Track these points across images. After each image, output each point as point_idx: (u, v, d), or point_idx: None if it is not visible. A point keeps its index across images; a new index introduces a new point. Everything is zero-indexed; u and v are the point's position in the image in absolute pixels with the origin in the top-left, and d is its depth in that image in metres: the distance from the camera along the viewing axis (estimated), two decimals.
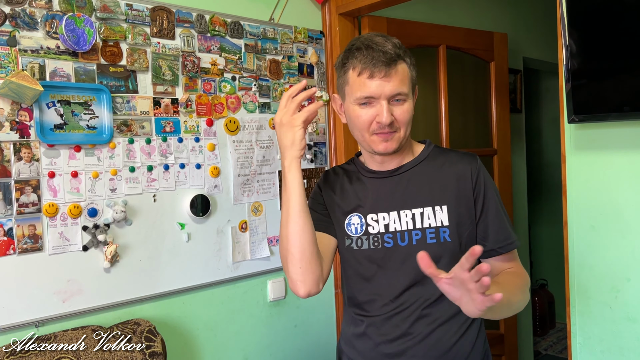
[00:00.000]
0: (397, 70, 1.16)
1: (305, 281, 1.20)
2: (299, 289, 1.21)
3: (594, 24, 1.43)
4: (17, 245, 1.51)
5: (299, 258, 1.19)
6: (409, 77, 1.20)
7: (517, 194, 3.32)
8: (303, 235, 1.18)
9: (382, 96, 1.16)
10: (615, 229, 1.49)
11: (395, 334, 1.25)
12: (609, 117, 1.44)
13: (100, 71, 1.67)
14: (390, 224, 1.26)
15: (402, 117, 1.19)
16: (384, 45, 1.16)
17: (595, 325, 1.54)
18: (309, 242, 1.19)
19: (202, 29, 1.91)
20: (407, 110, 1.19)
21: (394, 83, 1.16)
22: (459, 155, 1.31)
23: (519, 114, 3.52)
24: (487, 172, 1.30)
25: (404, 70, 1.18)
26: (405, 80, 1.18)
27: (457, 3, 2.95)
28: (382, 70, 1.15)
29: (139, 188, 1.76)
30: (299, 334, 2.22)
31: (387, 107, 1.16)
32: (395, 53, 1.17)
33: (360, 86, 1.17)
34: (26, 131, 1.53)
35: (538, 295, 4.25)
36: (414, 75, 1.22)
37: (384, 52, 1.15)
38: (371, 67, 1.15)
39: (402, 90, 1.17)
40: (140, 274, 1.76)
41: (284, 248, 1.21)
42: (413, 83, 1.22)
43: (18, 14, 1.51)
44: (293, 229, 1.18)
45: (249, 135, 2.05)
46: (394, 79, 1.16)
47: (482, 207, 1.25)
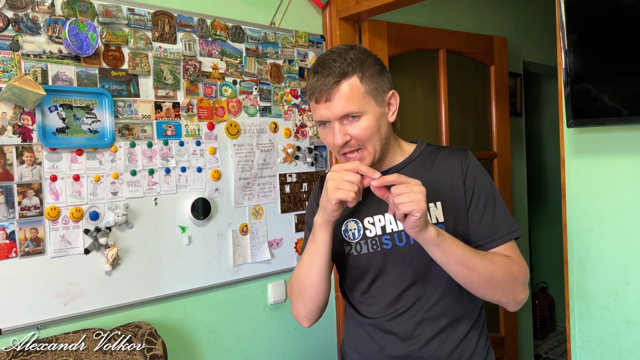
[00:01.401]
0: (340, 91, 1.15)
1: (312, 318, 1.30)
2: (303, 323, 1.31)
3: (593, 28, 1.44)
4: (19, 249, 1.52)
5: (311, 303, 1.27)
6: (362, 91, 1.16)
7: (517, 197, 3.32)
8: (319, 288, 1.24)
9: (332, 118, 1.17)
10: (614, 232, 1.50)
11: (400, 337, 1.25)
12: (607, 121, 1.44)
13: (102, 75, 1.68)
14: (386, 226, 1.27)
15: (360, 134, 1.17)
16: (331, 67, 1.16)
17: (594, 328, 1.54)
18: (323, 293, 1.26)
19: (204, 33, 1.92)
20: (364, 127, 1.17)
21: (339, 104, 1.15)
22: (450, 150, 1.31)
23: (519, 117, 3.52)
24: (479, 164, 1.29)
25: (352, 87, 1.16)
26: (354, 97, 1.15)
27: (457, 7, 2.96)
28: (323, 95, 1.16)
29: (141, 191, 1.77)
30: (299, 337, 2.22)
31: (339, 128, 1.17)
32: (341, 72, 1.15)
33: (314, 111, 1.22)
34: (28, 135, 1.54)
35: (538, 299, 4.25)
36: (371, 87, 1.18)
37: (326, 76, 1.15)
38: (317, 93, 1.17)
39: (349, 110, 1.15)
40: (141, 277, 1.76)
41: (298, 291, 1.27)
42: (373, 94, 1.18)
43: (21, 19, 1.52)
44: (311, 282, 1.24)
45: (249, 138, 2.06)
46: (337, 100, 1.15)
47: (470, 200, 1.24)
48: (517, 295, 1.20)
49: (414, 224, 1.04)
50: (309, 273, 1.24)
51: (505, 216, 1.25)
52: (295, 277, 1.29)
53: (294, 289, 1.30)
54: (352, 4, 2.27)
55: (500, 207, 1.25)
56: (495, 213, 1.24)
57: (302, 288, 1.26)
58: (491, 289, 1.17)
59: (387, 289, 1.27)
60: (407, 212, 1.03)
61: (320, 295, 1.26)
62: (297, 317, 1.31)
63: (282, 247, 2.16)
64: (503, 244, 1.23)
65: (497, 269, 1.16)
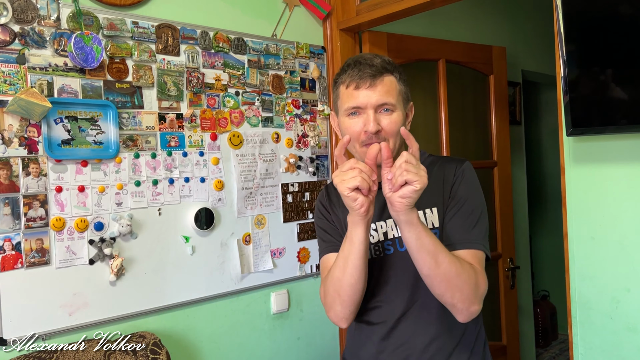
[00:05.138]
0: (383, 82, 1.21)
1: (349, 318, 1.29)
2: (342, 324, 1.30)
3: (591, 37, 1.45)
4: (24, 259, 1.53)
5: (349, 303, 1.25)
6: (397, 89, 1.23)
7: (517, 205, 3.33)
8: (356, 286, 1.22)
9: (369, 105, 1.20)
10: (614, 240, 1.51)
11: (396, 343, 1.28)
12: (606, 130, 1.45)
13: (106, 87, 1.70)
14: (388, 232, 1.30)
15: (390, 127, 1.21)
16: (372, 60, 1.22)
17: (596, 336, 1.55)
18: (360, 291, 1.24)
19: (206, 45, 1.94)
20: (394, 121, 1.21)
21: (380, 93, 1.20)
22: (449, 159, 1.34)
23: (518, 126, 3.55)
24: (475, 178, 1.30)
25: (391, 83, 1.22)
26: (392, 92, 1.21)
27: (456, 18, 3.00)
28: (367, 81, 1.20)
29: (145, 202, 1.78)
30: (302, 347, 2.22)
31: (374, 116, 1.20)
32: (382, 67, 1.21)
33: (349, 97, 1.23)
34: (34, 147, 1.56)
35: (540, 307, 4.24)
36: (403, 89, 1.25)
37: (370, 66, 1.21)
38: (357, 79, 1.20)
39: (388, 100, 1.20)
40: (145, 287, 1.77)
41: (335, 291, 1.24)
42: (404, 97, 1.25)
43: (27, 33, 1.55)
44: (348, 280, 1.22)
45: (252, 149, 2.08)
46: (380, 89, 1.20)
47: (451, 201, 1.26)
48: (472, 304, 1.17)
49: (409, 194, 1.05)
50: (346, 271, 1.21)
51: (480, 230, 1.25)
52: (330, 278, 1.26)
53: (329, 289, 1.26)
54: (353, 15, 2.30)
55: (482, 222, 1.26)
56: (476, 224, 1.24)
57: (339, 287, 1.23)
58: (450, 289, 1.14)
59: (387, 294, 1.29)
60: (408, 180, 1.03)
61: (359, 293, 1.24)
62: (334, 319, 1.29)
63: (285, 257, 2.17)
64: (472, 249, 1.22)
65: (462, 270, 1.14)
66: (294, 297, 2.21)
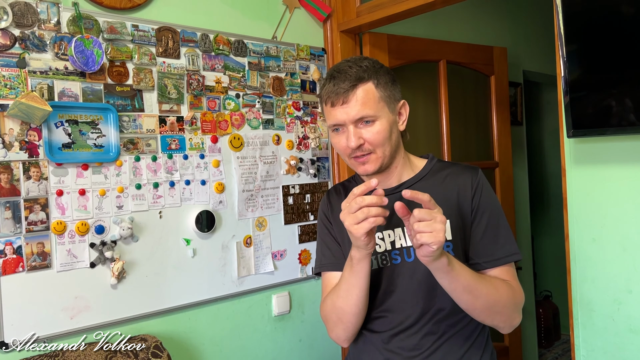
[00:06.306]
0: (357, 94, 1.19)
1: (351, 339, 1.33)
2: (344, 344, 1.35)
3: (592, 37, 1.44)
4: (26, 263, 1.54)
5: (351, 328, 1.28)
6: (376, 97, 1.20)
7: (519, 205, 3.33)
8: (359, 314, 1.26)
9: (347, 122, 1.20)
10: (616, 241, 1.50)
11: (403, 349, 1.26)
12: (607, 131, 1.44)
13: (107, 91, 1.70)
14: (396, 241, 1.28)
15: (373, 138, 1.20)
16: (347, 71, 1.20)
17: (598, 337, 1.55)
18: (363, 315, 1.27)
19: (207, 48, 1.95)
20: (377, 131, 1.20)
21: (355, 107, 1.18)
22: (461, 167, 1.32)
23: (519, 127, 3.54)
24: (489, 184, 1.31)
25: (367, 92, 1.19)
26: (369, 102, 1.19)
27: (456, 18, 2.99)
28: (340, 98, 1.19)
29: (145, 205, 1.78)
30: (303, 349, 2.22)
31: (354, 131, 1.20)
32: (357, 76, 1.19)
33: (328, 115, 1.24)
34: (35, 150, 1.56)
35: (542, 307, 4.23)
36: (386, 93, 1.22)
37: (344, 79, 1.19)
38: (333, 95, 1.20)
39: (365, 113, 1.19)
40: (146, 290, 1.78)
41: (338, 318, 1.27)
42: (387, 101, 1.22)
43: (27, 37, 1.55)
44: (352, 310, 1.24)
45: (252, 151, 2.08)
46: (354, 103, 1.19)
47: (475, 216, 1.26)
48: (514, 320, 1.24)
49: (428, 254, 1.03)
50: (349, 302, 1.23)
51: (507, 238, 1.26)
52: (332, 305, 1.27)
53: (331, 316, 1.29)
54: (353, 17, 2.30)
55: (504, 229, 1.27)
56: (499, 234, 1.25)
57: (341, 315, 1.26)
58: (491, 315, 1.19)
59: (394, 304, 1.28)
60: (424, 243, 1.01)
61: (360, 319, 1.27)
62: (336, 340, 1.33)
63: (286, 259, 2.17)
64: (501, 265, 1.24)
65: (499, 296, 1.18)
66: (296, 299, 2.21)
